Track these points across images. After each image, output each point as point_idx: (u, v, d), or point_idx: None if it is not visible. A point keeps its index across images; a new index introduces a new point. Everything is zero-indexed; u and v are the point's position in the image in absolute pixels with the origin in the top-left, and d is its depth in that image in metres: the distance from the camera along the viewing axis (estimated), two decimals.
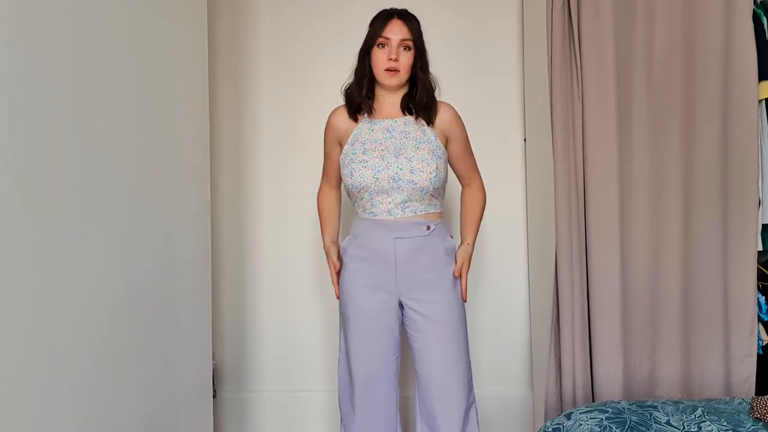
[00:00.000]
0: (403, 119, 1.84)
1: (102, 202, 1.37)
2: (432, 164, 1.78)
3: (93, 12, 1.35)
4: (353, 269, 1.86)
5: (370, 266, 1.83)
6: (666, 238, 2.06)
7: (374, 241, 1.81)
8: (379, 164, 1.77)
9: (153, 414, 1.63)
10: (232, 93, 2.74)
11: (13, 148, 1.08)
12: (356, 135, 1.85)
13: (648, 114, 2.06)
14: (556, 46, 2.05)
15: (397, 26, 1.77)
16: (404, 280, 1.81)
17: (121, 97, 1.48)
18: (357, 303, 1.85)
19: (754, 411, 1.59)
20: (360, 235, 1.86)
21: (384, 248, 1.80)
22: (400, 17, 1.79)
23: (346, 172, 1.81)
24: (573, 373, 2.06)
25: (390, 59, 1.76)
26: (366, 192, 1.80)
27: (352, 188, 1.82)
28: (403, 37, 1.76)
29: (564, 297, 2.05)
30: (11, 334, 1.07)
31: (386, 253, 1.80)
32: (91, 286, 1.32)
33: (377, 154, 1.79)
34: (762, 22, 2.08)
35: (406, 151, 1.78)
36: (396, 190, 1.77)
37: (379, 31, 1.77)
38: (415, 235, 1.80)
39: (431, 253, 1.82)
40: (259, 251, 2.76)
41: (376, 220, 1.81)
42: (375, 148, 1.80)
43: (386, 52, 1.77)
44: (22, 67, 1.10)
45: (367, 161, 1.78)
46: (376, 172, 1.77)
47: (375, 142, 1.81)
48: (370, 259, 1.83)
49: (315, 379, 2.73)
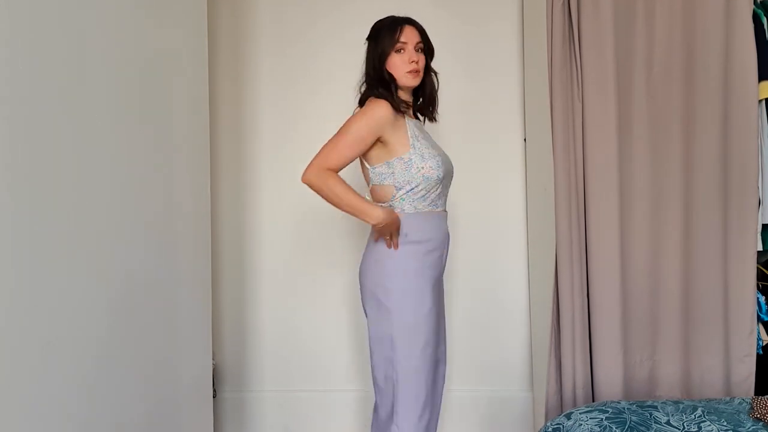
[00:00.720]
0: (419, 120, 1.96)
1: (102, 203, 1.37)
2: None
3: (93, 13, 1.35)
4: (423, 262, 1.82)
5: (437, 259, 1.87)
6: (666, 238, 2.06)
7: (441, 234, 1.88)
8: (444, 158, 1.88)
9: (153, 414, 1.63)
10: (232, 93, 2.74)
11: (13, 147, 1.07)
12: (413, 130, 1.84)
13: (648, 114, 2.06)
14: (556, 46, 2.05)
15: (410, 31, 1.84)
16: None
17: (121, 97, 1.48)
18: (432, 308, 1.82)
19: (754, 411, 1.59)
20: (427, 227, 1.84)
21: (445, 240, 1.90)
22: (411, 23, 1.86)
23: (432, 164, 1.79)
24: (573, 373, 2.06)
25: (412, 61, 1.81)
26: (442, 184, 1.86)
27: (435, 180, 1.81)
28: (417, 40, 1.84)
29: (564, 297, 2.05)
30: (10, 334, 1.07)
31: (445, 244, 1.90)
32: (90, 286, 1.32)
33: (436, 149, 1.87)
34: (762, 22, 2.08)
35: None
36: (450, 182, 1.92)
37: (396, 37, 1.82)
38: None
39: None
40: (259, 251, 2.76)
41: (440, 213, 1.89)
42: (430, 142, 1.88)
43: (405, 56, 1.82)
44: (22, 67, 1.10)
45: (435, 154, 1.83)
46: (447, 165, 1.87)
47: (427, 136, 1.90)
48: (436, 251, 1.86)
49: (315, 379, 2.73)
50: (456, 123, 2.65)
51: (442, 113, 2.51)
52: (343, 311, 2.74)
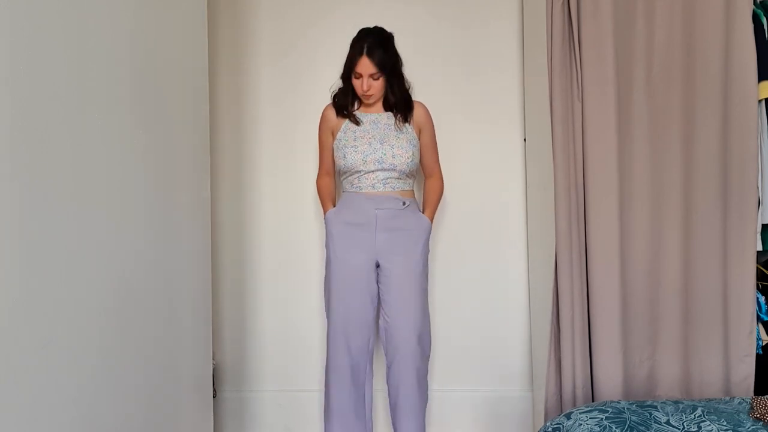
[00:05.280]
0: (386, 114, 2.27)
1: (101, 203, 1.37)
2: (409, 151, 2.20)
3: (94, 14, 1.35)
4: (340, 232, 2.23)
5: (355, 231, 2.20)
6: (666, 238, 2.06)
7: (360, 211, 2.20)
8: (367, 149, 2.19)
9: (153, 414, 1.63)
10: (232, 93, 2.75)
11: (13, 146, 1.08)
12: (348, 125, 2.25)
13: (648, 114, 2.06)
14: (556, 46, 2.05)
15: (364, 64, 2.13)
16: (381, 245, 2.19)
17: (122, 97, 1.48)
18: (344, 259, 2.20)
19: (754, 411, 1.59)
20: (347, 205, 2.24)
21: (368, 217, 2.19)
22: (369, 54, 2.12)
23: (340, 155, 2.22)
24: (573, 373, 2.06)
25: (365, 89, 2.16)
26: (355, 171, 2.20)
27: (344, 168, 2.22)
28: (371, 72, 2.14)
29: (564, 297, 2.05)
30: (9, 334, 1.07)
31: (369, 220, 2.19)
32: (90, 285, 1.32)
33: (366, 141, 2.20)
34: (762, 22, 2.08)
35: (389, 139, 2.20)
36: (380, 170, 2.19)
37: (353, 68, 2.16)
38: (393, 207, 2.20)
39: (405, 222, 2.21)
40: (259, 251, 2.76)
41: (361, 193, 2.21)
42: (364, 136, 2.21)
43: (360, 83, 2.16)
44: (23, 68, 1.10)
45: (358, 146, 2.19)
46: (364, 156, 2.18)
47: (364, 132, 2.22)
48: (356, 225, 2.20)
49: (315, 378, 2.72)
50: (456, 123, 2.65)
51: (443, 113, 2.52)
52: None
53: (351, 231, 2.21)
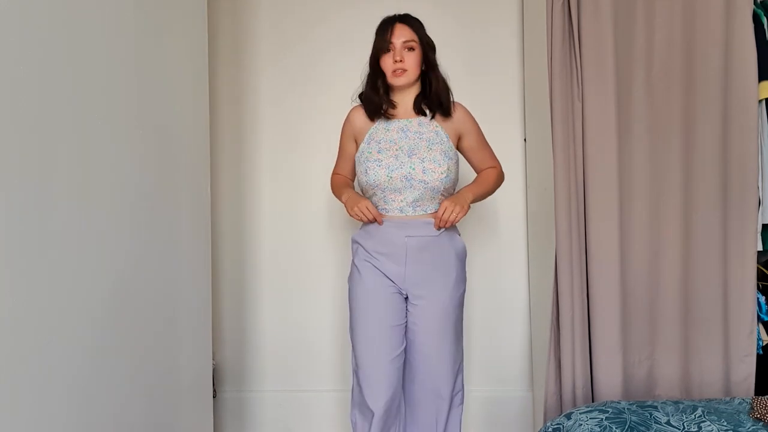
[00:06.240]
0: (417, 120, 1.91)
1: (101, 203, 1.37)
2: (444, 165, 1.83)
3: (95, 15, 1.35)
4: (365, 259, 1.89)
5: (382, 260, 1.86)
6: (666, 238, 2.06)
7: (386, 238, 1.86)
8: (393, 163, 1.83)
9: (153, 414, 1.63)
10: (232, 93, 2.75)
11: (13, 146, 1.07)
12: (372, 134, 1.90)
13: (648, 114, 2.05)
14: (556, 46, 2.05)
15: (399, 29, 1.84)
16: (411, 277, 1.85)
17: (122, 97, 1.48)
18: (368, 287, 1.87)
19: (754, 411, 1.59)
20: (372, 231, 1.88)
21: (395, 245, 1.85)
22: (402, 21, 1.86)
23: (362, 169, 1.88)
24: (573, 373, 2.06)
25: (396, 61, 1.83)
26: (379, 190, 1.86)
27: (366, 185, 1.88)
28: (405, 39, 1.84)
29: (564, 297, 2.05)
30: (9, 334, 1.07)
31: (397, 249, 1.84)
32: (90, 285, 1.32)
33: (392, 154, 1.85)
34: (762, 22, 2.08)
35: (419, 151, 1.84)
36: (408, 188, 1.83)
37: (384, 37, 1.85)
38: (426, 234, 1.85)
39: (439, 251, 1.87)
40: (259, 251, 2.76)
41: (387, 218, 1.87)
42: (390, 148, 1.86)
43: (391, 56, 1.84)
44: (23, 68, 1.10)
45: (382, 160, 1.84)
46: (389, 171, 1.83)
47: (390, 142, 1.87)
48: (382, 255, 1.86)
49: (315, 378, 2.73)
50: None
51: None
52: (343, 311, 2.73)
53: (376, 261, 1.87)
